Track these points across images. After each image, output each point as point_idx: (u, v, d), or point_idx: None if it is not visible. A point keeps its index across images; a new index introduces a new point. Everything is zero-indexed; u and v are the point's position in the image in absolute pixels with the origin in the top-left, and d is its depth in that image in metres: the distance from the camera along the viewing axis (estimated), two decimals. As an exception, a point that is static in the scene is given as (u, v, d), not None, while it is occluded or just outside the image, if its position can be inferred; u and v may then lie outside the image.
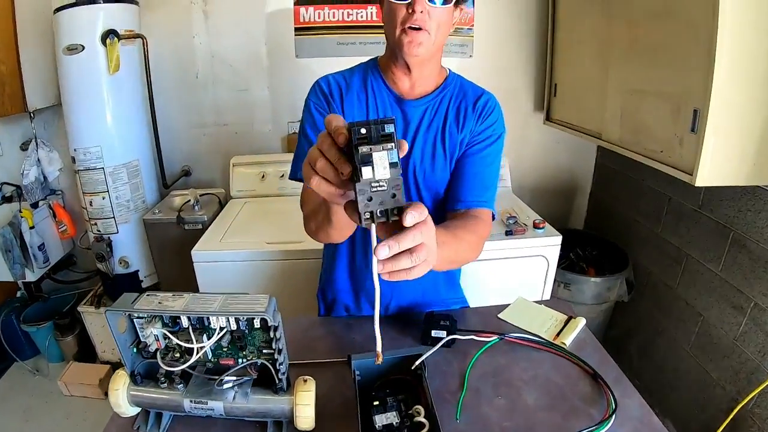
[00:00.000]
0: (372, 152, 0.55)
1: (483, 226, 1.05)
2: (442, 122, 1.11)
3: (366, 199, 0.55)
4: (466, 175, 1.10)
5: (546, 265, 1.94)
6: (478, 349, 1.05)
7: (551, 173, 2.79)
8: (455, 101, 1.12)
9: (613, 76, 1.89)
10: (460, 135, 1.10)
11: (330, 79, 1.13)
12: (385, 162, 0.55)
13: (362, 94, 1.11)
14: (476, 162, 1.10)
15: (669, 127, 1.56)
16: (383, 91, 1.11)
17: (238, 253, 1.78)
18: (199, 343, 0.78)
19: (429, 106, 1.11)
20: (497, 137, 1.12)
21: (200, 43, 2.38)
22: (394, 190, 0.56)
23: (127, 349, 0.83)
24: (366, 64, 1.16)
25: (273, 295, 0.76)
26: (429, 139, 1.11)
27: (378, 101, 1.11)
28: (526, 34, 2.49)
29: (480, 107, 1.11)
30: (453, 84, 1.14)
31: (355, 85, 1.12)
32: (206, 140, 2.56)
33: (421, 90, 1.11)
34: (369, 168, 0.54)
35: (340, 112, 1.09)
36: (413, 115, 1.11)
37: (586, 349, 1.06)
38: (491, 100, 1.14)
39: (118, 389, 0.83)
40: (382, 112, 1.11)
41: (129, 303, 0.79)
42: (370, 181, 0.55)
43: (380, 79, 1.12)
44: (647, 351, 2.31)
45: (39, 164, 2.40)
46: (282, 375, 0.78)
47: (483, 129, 1.11)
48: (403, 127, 1.11)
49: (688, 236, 2.02)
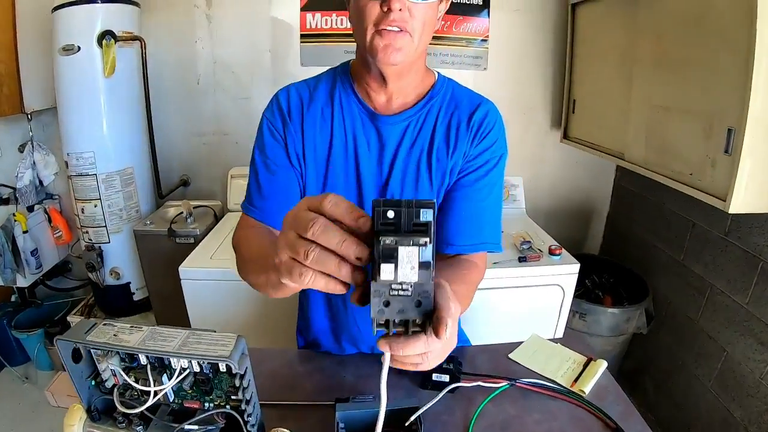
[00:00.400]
0: (398, 246, 0.42)
1: (476, 273, 0.91)
2: (428, 144, 0.92)
3: (381, 304, 0.44)
4: (458, 213, 0.93)
5: (561, 296, 1.80)
6: (485, 396, 0.91)
7: (567, 194, 2.67)
8: (445, 115, 0.93)
9: (638, 92, 1.78)
10: (451, 161, 0.92)
11: (291, 91, 0.96)
12: (414, 261, 0.43)
13: (327, 108, 0.93)
14: (471, 196, 0.93)
15: (700, 148, 1.45)
16: (353, 105, 0.93)
17: (227, 272, 1.66)
18: (157, 385, 0.66)
19: (410, 123, 0.92)
20: (497, 161, 0.94)
21: (202, 48, 2.31)
22: (421, 297, 0.44)
23: (83, 381, 0.72)
24: (335, 71, 0.98)
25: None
26: (410, 164, 0.93)
27: (346, 119, 0.93)
28: (544, 46, 2.39)
29: (476, 123, 0.92)
30: (442, 93, 0.95)
31: (319, 97, 0.94)
32: (206, 150, 2.48)
33: (401, 103, 0.93)
34: (391, 266, 0.42)
35: (299, 134, 0.93)
36: (389, 135, 0.92)
37: (607, 398, 0.93)
38: (491, 112, 0.94)
39: (73, 425, 0.72)
40: (350, 132, 0.93)
41: (82, 333, 0.69)
42: (391, 282, 0.43)
43: (350, 91, 0.93)
44: (664, 386, 2.18)
45: (34, 167, 2.33)
46: (252, 427, 0.66)
47: (480, 152, 0.92)
48: (378, 150, 0.93)
49: (713, 265, 1.89)
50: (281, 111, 0.94)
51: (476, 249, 0.93)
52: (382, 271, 0.42)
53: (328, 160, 0.94)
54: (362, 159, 0.93)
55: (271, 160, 0.94)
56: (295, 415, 0.85)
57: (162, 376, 0.67)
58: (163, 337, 0.64)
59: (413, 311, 0.44)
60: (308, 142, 0.93)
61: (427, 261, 0.43)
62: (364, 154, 0.93)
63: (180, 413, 0.71)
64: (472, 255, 0.93)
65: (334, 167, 0.94)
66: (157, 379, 0.66)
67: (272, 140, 0.94)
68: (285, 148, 0.94)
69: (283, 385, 0.94)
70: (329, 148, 0.94)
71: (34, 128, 2.29)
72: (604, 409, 0.89)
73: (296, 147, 0.94)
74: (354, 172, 0.94)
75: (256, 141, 0.97)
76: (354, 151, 0.94)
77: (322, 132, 0.93)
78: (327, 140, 0.94)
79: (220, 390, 0.67)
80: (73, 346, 0.70)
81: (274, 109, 0.95)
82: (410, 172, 0.93)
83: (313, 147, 0.94)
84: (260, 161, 0.94)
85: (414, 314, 0.44)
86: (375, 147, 0.93)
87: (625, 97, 1.84)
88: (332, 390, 0.93)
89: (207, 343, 0.61)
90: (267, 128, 0.95)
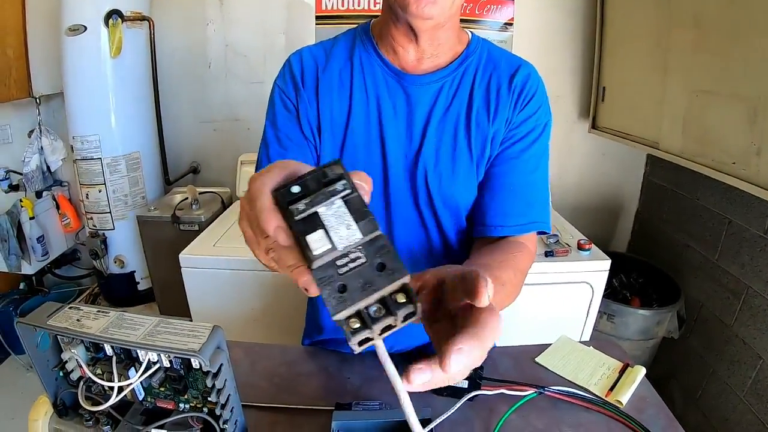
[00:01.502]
0: (314, 207, 0.32)
1: (526, 257, 0.79)
2: (465, 107, 0.81)
3: (336, 291, 0.32)
4: (504, 190, 0.82)
5: (590, 294, 1.66)
6: (510, 405, 0.79)
7: (594, 188, 2.54)
8: (483, 77, 0.82)
9: (674, 77, 1.66)
10: (492, 127, 0.81)
11: (304, 54, 0.85)
12: (345, 215, 0.32)
13: (346, 70, 0.82)
14: (518, 169, 0.82)
15: (744, 135, 1.37)
16: (375, 65, 0.82)
17: (230, 260, 1.58)
18: (123, 380, 0.57)
19: (444, 85, 0.81)
20: (542, 129, 0.83)
21: (214, 31, 2.24)
22: (380, 255, 0.32)
23: (49, 372, 0.64)
24: (354, 31, 0.87)
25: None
26: (446, 131, 0.82)
27: (368, 81, 0.82)
28: (572, 30, 2.26)
29: (518, 87, 0.81)
30: (478, 52, 0.84)
31: (337, 58, 0.83)
32: (216, 136, 2.40)
33: (433, 64, 0.82)
34: (320, 233, 0.32)
35: (313, 101, 0.82)
36: (420, 98, 0.81)
37: (647, 411, 0.81)
38: (533, 75, 0.83)
39: (37, 420, 0.65)
40: (373, 96, 0.81)
41: (44, 316, 0.60)
42: (332, 256, 0.32)
43: (371, 50, 0.82)
44: (693, 395, 2.05)
45: (42, 152, 2.28)
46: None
47: (524, 119, 0.81)
48: (406, 115, 0.82)
49: (750, 266, 1.76)
50: (293, 77, 0.83)
51: (526, 229, 0.82)
52: (311, 244, 0.31)
53: (347, 129, 0.83)
54: (387, 126, 0.82)
55: (284, 133, 0.83)
56: (289, 421, 0.75)
57: (129, 369, 0.57)
58: (129, 325, 0.54)
59: (381, 278, 0.32)
60: (324, 109, 0.82)
61: (360, 209, 0.32)
62: (389, 120, 0.82)
63: (154, 413, 0.62)
64: (521, 236, 0.82)
65: (353, 136, 0.82)
66: (123, 373, 0.57)
67: (284, 111, 0.83)
68: (297, 119, 0.83)
69: (279, 386, 0.84)
70: (348, 114, 0.82)
71: (43, 113, 2.26)
72: (644, 423, 0.76)
73: (310, 116, 0.83)
74: (378, 141, 0.83)
75: (268, 113, 0.86)
76: (378, 117, 0.82)
77: (340, 97, 0.82)
78: (346, 106, 0.82)
79: (195, 389, 0.57)
80: (33, 330, 0.62)
81: (285, 75, 0.84)
82: (446, 140, 0.81)
83: (330, 115, 0.83)
84: (272, 135, 0.84)
85: (383, 281, 0.32)
86: (403, 111, 0.82)
87: (660, 82, 1.73)
88: (334, 393, 0.83)
89: (177, 334, 0.51)
90: (279, 98, 0.84)
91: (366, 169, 0.89)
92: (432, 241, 0.88)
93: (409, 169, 0.84)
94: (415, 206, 0.86)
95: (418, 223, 0.87)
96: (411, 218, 0.87)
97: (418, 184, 0.83)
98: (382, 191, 0.85)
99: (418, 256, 0.89)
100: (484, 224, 0.82)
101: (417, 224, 0.87)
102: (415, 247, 0.89)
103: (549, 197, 0.86)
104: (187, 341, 0.49)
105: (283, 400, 0.79)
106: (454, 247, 0.89)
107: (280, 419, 0.75)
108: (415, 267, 0.94)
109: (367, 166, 0.83)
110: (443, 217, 0.85)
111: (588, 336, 1.72)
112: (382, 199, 0.86)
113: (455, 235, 0.88)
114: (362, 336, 0.33)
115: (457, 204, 0.84)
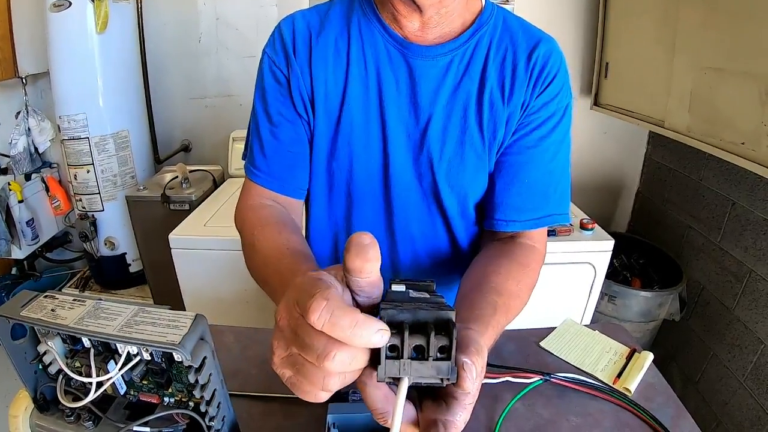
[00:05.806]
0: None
1: (537, 258, 0.74)
2: (478, 85, 0.72)
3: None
4: (521, 183, 0.74)
5: (593, 275, 1.64)
6: (514, 394, 0.75)
7: (594, 167, 2.49)
8: (497, 50, 0.73)
9: (682, 52, 1.60)
10: (507, 109, 0.72)
11: (296, 19, 0.75)
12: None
13: (343, 39, 0.74)
14: (537, 159, 0.74)
15: (755, 114, 1.32)
16: (376, 33, 0.73)
17: (221, 240, 1.53)
18: (102, 374, 0.53)
19: (454, 58, 0.72)
20: (563, 111, 0.75)
21: (204, 4, 2.16)
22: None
23: (27, 365, 0.60)
24: None
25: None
26: (455, 111, 0.73)
27: (367, 51, 0.73)
28: (574, 3, 2.19)
29: (538, 66, 0.72)
30: (492, 21, 0.74)
31: (332, 25, 0.74)
32: (208, 112, 2.34)
33: (440, 33, 0.72)
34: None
35: (306, 72, 0.74)
36: (425, 72, 0.72)
37: (655, 399, 0.78)
38: (555, 52, 0.74)
39: (17, 416, 0.62)
40: (373, 68, 0.73)
41: (19, 306, 0.55)
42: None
43: (372, 15, 0.73)
44: (692, 378, 2.05)
45: (29, 134, 2.23)
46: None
47: (544, 103, 0.73)
48: (410, 91, 0.73)
49: (754, 249, 1.73)
50: (284, 45, 0.74)
51: (541, 224, 0.76)
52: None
53: (342, 105, 0.75)
54: (388, 102, 0.74)
55: (274, 108, 0.76)
56: (282, 411, 0.71)
57: (109, 362, 0.53)
58: (105, 315, 0.50)
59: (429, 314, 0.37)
60: (318, 81, 0.74)
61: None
62: (391, 96, 0.74)
63: (138, 407, 0.58)
64: (532, 233, 0.76)
65: (349, 113, 0.75)
66: (102, 366, 0.53)
67: (274, 83, 0.75)
68: (289, 92, 0.75)
69: (272, 373, 0.79)
70: (344, 88, 0.74)
71: (30, 94, 2.21)
72: (652, 412, 0.73)
73: (302, 89, 0.75)
74: (378, 119, 0.75)
75: (257, 84, 0.79)
76: (378, 92, 0.74)
77: (336, 69, 0.74)
78: (342, 79, 0.74)
79: (180, 383, 0.53)
80: (7, 322, 0.58)
81: (276, 43, 0.76)
82: (455, 121, 0.74)
83: (324, 88, 0.74)
84: (261, 110, 0.77)
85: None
86: (406, 87, 0.73)
87: (667, 58, 1.67)
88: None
89: (157, 324, 0.47)
90: (268, 68, 0.76)
91: (364, 150, 0.82)
92: (436, 231, 0.83)
93: (413, 152, 0.76)
94: (418, 193, 0.79)
95: (421, 211, 0.80)
96: (413, 206, 0.80)
97: (422, 168, 0.76)
98: (382, 175, 0.78)
99: (420, 246, 0.84)
100: (494, 218, 0.76)
101: (419, 212, 0.80)
102: (416, 236, 0.83)
103: (569, 183, 0.79)
104: (167, 332, 0.45)
105: (276, 389, 0.75)
106: (459, 237, 0.83)
107: (273, 409, 0.71)
108: (416, 257, 0.87)
109: (365, 147, 0.77)
110: (449, 206, 0.78)
111: (590, 318, 1.69)
112: (382, 184, 0.79)
113: (461, 223, 0.82)
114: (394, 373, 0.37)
115: (465, 192, 0.78)
